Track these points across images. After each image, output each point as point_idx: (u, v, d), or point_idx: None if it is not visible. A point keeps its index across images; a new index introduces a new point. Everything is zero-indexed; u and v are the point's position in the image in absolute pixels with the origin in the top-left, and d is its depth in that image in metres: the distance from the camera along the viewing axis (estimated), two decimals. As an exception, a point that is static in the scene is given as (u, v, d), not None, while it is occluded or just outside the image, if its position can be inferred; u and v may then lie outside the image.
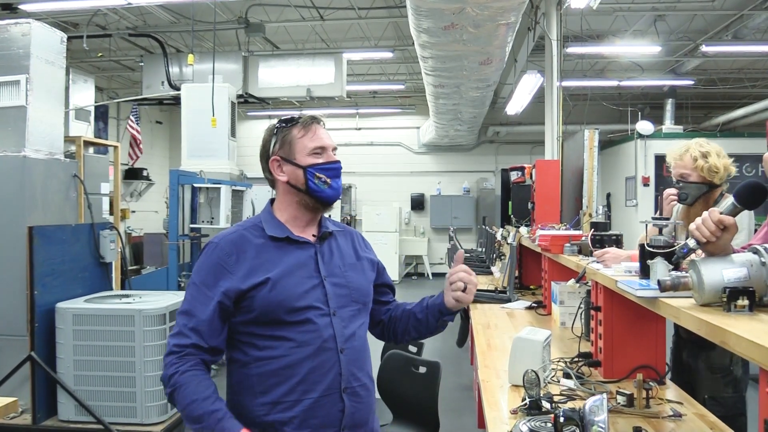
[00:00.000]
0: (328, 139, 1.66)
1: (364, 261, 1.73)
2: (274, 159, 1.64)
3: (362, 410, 1.59)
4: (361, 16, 8.86)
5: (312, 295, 1.56)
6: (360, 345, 1.62)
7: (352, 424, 1.56)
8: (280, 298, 1.52)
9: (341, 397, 1.54)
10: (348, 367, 1.56)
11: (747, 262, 1.35)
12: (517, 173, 6.09)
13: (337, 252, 1.67)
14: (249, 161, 14.00)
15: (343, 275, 1.63)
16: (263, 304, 1.52)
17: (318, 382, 1.52)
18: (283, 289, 1.53)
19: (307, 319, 1.54)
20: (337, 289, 1.60)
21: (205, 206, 5.93)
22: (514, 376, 2.14)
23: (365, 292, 1.68)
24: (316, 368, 1.53)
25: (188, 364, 1.53)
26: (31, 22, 4.08)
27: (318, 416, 1.52)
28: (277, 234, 1.60)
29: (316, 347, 1.53)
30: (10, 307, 3.88)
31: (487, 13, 5.22)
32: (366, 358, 1.64)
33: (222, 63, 8.67)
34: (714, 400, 2.56)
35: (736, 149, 2.79)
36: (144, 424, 3.75)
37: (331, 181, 1.62)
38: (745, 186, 1.46)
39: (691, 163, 2.60)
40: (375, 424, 1.67)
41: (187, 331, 1.55)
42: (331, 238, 1.68)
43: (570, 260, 2.90)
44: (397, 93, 13.67)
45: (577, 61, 10.42)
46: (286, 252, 1.59)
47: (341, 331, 1.57)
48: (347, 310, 1.61)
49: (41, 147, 4.14)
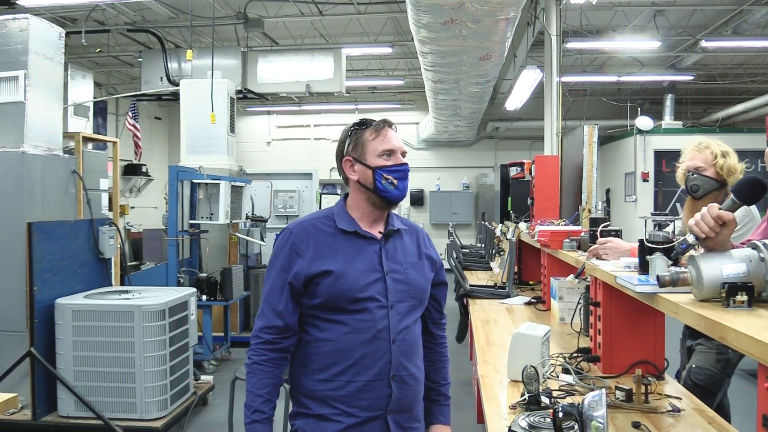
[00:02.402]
0: (398, 142, 1.74)
1: (425, 260, 1.82)
2: (347, 159, 1.75)
3: (408, 397, 1.71)
4: (360, 11, 8.84)
5: (373, 287, 1.68)
6: (412, 338, 1.74)
7: (398, 409, 1.69)
8: (344, 288, 1.66)
9: (389, 383, 1.67)
10: (398, 357, 1.68)
11: (746, 258, 1.35)
12: (516, 169, 6.08)
13: (401, 249, 1.77)
14: (248, 157, 14.08)
15: (405, 272, 1.74)
16: (328, 293, 1.66)
17: (369, 367, 1.66)
18: (347, 280, 1.66)
19: (366, 308, 1.67)
20: (397, 285, 1.72)
21: (204, 202, 5.93)
22: (514, 371, 2.15)
23: (423, 290, 1.78)
24: (369, 355, 1.66)
25: (261, 356, 1.69)
26: (29, 17, 4.08)
27: (366, 398, 1.66)
28: (346, 227, 1.72)
29: (370, 336, 1.66)
30: (10, 303, 3.88)
31: (487, 8, 5.21)
32: (417, 351, 1.76)
33: (221, 58, 8.64)
34: (700, 369, 2.60)
35: (735, 144, 2.78)
36: (144, 420, 3.75)
37: (397, 182, 1.72)
38: (743, 181, 1.46)
39: (711, 159, 2.62)
40: (419, 411, 1.80)
41: (268, 312, 1.71)
42: (397, 236, 1.79)
43: (569, 256, 2.90)
44: (397, 88, 13.65)
45: (577, 56, 10.40)
46: (354, 245, 1.72)
47: (396, 323, 1.69)
48: (404, 304, 1.72)
49: (40, 143, 4.13)
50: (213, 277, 5.72)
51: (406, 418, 1.73)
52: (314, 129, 14.94)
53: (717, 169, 2.61)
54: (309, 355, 1.71)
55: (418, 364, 1.76)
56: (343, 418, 1.65)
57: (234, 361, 5.95)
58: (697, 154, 2.67)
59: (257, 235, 7.00)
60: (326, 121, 14.74)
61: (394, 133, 1.75)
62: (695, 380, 2.63)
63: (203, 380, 4.73)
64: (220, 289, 5.69)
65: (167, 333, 3.84)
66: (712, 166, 2.62)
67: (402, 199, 1.76)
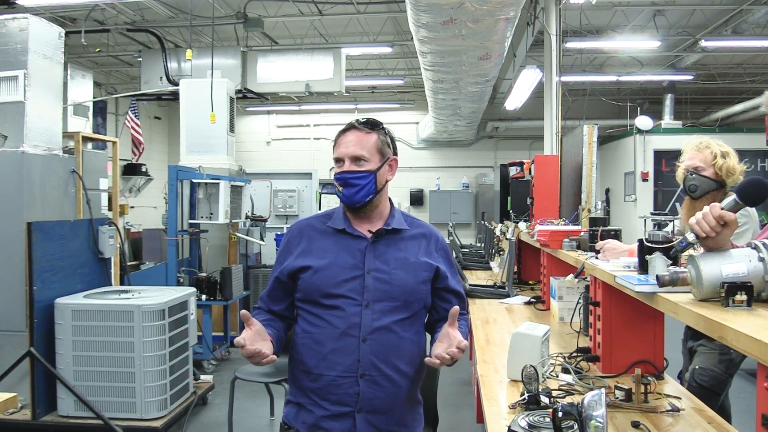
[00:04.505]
0: (345, 148, 1.78)
1: (421, 263, 1.82)
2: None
3: (382, 398, 1.72)
4: (360, 11, 8.84)
5: (348, 284, 1.74)
6: (392, 339, 1.74)
7: (370, 409, 1.71)
8: (318, 283, 1.74)
9: (357, 381, 1.70)
10: (368, 356, 1.70)
11: (745, 258, 1.35)
12: (516, 168, 6.08)
13: (393, 250, 1.80)
14: (248, 156, 14.07)
15: (390, 272, 1.76)
16: (306, 286, 1.77)
17: (338, 363, 1.71)
18: (324, 275, 1.74)
19: (338, 305, 1.73)
20: (378, 284, 1.74)
21: (204, 202, 5.93)
22: (513, 371, 2.14)
23: (409, 291, 1.78)
24: (337, 350, 1.71)
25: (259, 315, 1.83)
26: (28, 17, 4.07)
27: (336, 393, 1.71)
28: (335, 225, 1.82)
29: (340, 332, 1.71)
30: (10, 303, 3.88)
31: (486, 8, 5.20)
32: (397, 353, 1.74)
33: (220, 58, 8.63)
34: (703, 371, 2.59)
35: (735, 144, 2.78)
36: (143, 419, 3.75)
37: (342, 189, 1.78)
38: (747, 182, 1.45)
39: (710, 159, 2.61)
40: (404, 416, 1.79)
41: (263, 295, 1.89)
42: (393, 236, 1.82)
43: (569, 255, 2.89)
44: (396, 88, 13.64)
45: (577, 56, 10.40)
46: (340, 242, 1.79)
47: (369, 322, 1.71)
48: (383, 304, 1.74)
49: (40, 143, 4.13)
50: (213, 276, 5.72)
51: (384, 421, 1.72)
52: (314, 129, 14.94)
53: (716, 170, 2.59)
54: (297, 346, 1.80)
55: (397, 365, 1.73)
56: (316, 410, 1.73)
57: (234, 361, 5.95)
58: (697, 153, 2.66)
59: (257, 235, 6.99)
60: (326, 120, 14.74)
61: (349, 138, 1.78)
62: (699, 382, 2.62)
63: (203, 380, 4.73)
64: (219, 288, 5.69)
65: (167, 333, 3.84)
66: (711, 166, 2.61)
67: (355, 203, 1.78)
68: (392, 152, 1.85)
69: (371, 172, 1.76)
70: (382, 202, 1.84)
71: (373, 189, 1.77)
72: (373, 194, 1.78)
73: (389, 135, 1.85)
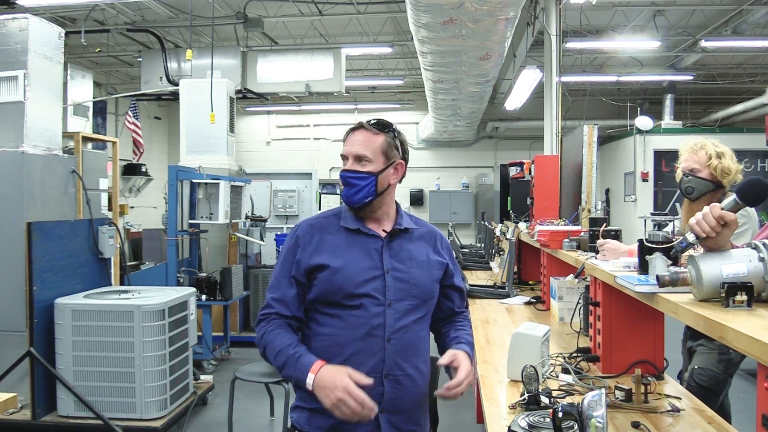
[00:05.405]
0: (351, 146, 1.79)
1: (433, 261, 1.83)
2: None
3: (404, 398, 1.71)
4: (360, 11, 8.84)
5: (371, 284, 1.71)
6: (412, 337, 1.74)
7: (392, 409, 1.69)
8: (340, 283, 1.69)
9: (382, 381, 1.68)
10: (392, 356, 1.69)
11: (746, 258, 1.35)
12: (516, 169, 6.08)
13: (407, 249, 1.80)
14: (248, 156, 14.07)
15: (408, 271, 1.76)
16: (324, 287, 1.71)
17: (362, 363, 1.66)
18: (344, 275, 1.70)
19: (362, 305, 1.69)
20: (398, 283, 1.73)
21: (203, 202, 5.92)
22: (513, 371, 2.14)
23: (426, 289, 1.79)
24: (362, 351, 1.68)
25: (273, 325, 1.73)
26: (28, 17, 4.07)
27: None
28: (349, 225, 1.78)
29: (364, 332, 1.68)
30: (9, 303, 3.88)
31: (486, 8, 5.20)
32: (417, 352, 1.76)
33: (220, 58, 8.63)
34: (702, 370, 2.59)
35: (735, 144, 2.78)
36: (143, 419, 3.75)
37: (344, 187, 1.78)
38: (747, 182, 1.45)
39: (705, 160, 2.60)
40: (421, 415, 1.79)
41: (272, 302, 1.76)
42: (405, 235, 1.81)
43: (569, 255, 2.89)
44: (396, 88, 13.64)
45: (577, 56, 10.41)
46: (355, 242, 1.76)
47: (392, 321, 1.70)
48: (404, 303, 1.73)
49: (39, 143, 4.13)
50: (213, 276, 5.71)
51: (403, 420, 1.72)
52: (314, 129, 14.94)
53: (711, 171, 2.58)
54: (311, 349, 1.72)
55: (417, 365, 1.75)
56: None
57: (234, 361, 5.95)
58: (692, 155, 2.65)
59: (257, 235, 6.99)
60: (326, 120, 14.74)
61: (356, 137, 1.78)
62: (699, 381, 2.62)
63: (203, 380, 4.73)
64: (219, 288, 5.69)
65: (167, 333, 3.84)
66: (706, 167, 2.60)
67: (353, 203, 1.77)
68: (400, 156, 1.81)
69: (372, 174, 1.75)
70: (385, 203, 1.82)
71: (372, 191, 1.75)
72: (372, 196, 1.76)
73: (399, 138, 1.82)
